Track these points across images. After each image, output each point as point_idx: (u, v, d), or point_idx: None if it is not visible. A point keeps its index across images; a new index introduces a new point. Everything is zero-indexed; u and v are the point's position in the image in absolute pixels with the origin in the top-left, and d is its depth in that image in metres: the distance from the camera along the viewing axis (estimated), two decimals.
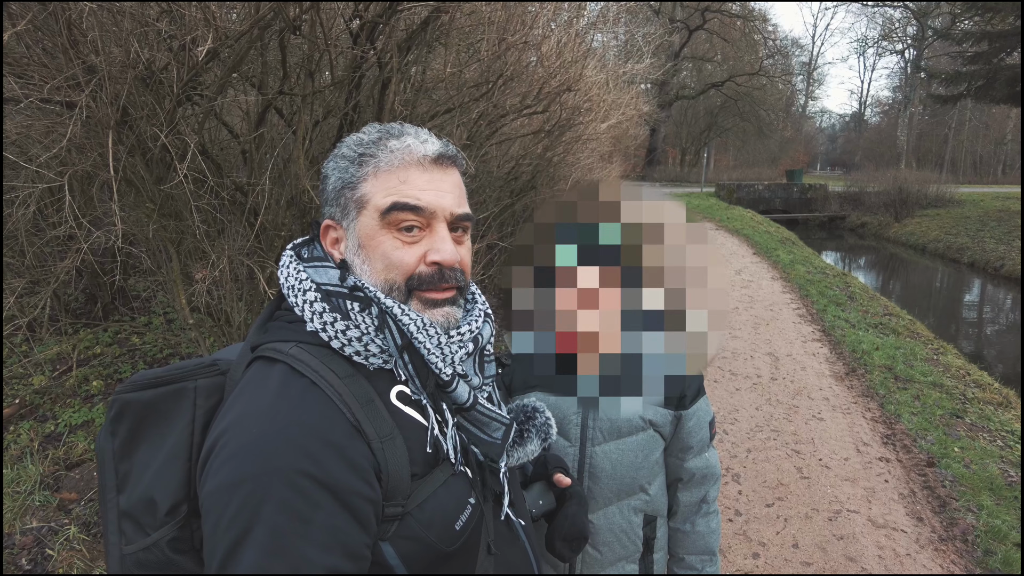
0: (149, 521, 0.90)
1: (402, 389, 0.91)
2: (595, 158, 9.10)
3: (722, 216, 17.82)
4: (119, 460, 0.94)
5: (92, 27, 2.31)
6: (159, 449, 0.92)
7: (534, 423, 1.14)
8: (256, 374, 0.87)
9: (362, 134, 0.96)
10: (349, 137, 0.97)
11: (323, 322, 0.88)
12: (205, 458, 0.82)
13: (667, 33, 32.31)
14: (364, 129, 0.97)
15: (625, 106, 7.59)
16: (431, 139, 0.96)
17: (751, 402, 4.99)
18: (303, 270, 0.94)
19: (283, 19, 2.32)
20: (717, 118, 39.72)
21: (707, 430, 1.51)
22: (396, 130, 0.96)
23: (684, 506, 1.52)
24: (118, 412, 0.94)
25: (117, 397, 0.94)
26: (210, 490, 0.78)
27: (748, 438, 4.35)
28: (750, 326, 7.18)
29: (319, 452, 0.78)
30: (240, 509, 0.75)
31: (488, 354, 1.05)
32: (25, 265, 3.47)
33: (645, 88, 35.10)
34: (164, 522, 0.89)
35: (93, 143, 2.56)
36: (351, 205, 0.93)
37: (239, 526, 0.74)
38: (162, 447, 0.91)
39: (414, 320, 0.90)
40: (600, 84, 6.24)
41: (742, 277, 9.90)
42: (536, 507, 1.18)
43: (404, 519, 0.85)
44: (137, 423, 0.94)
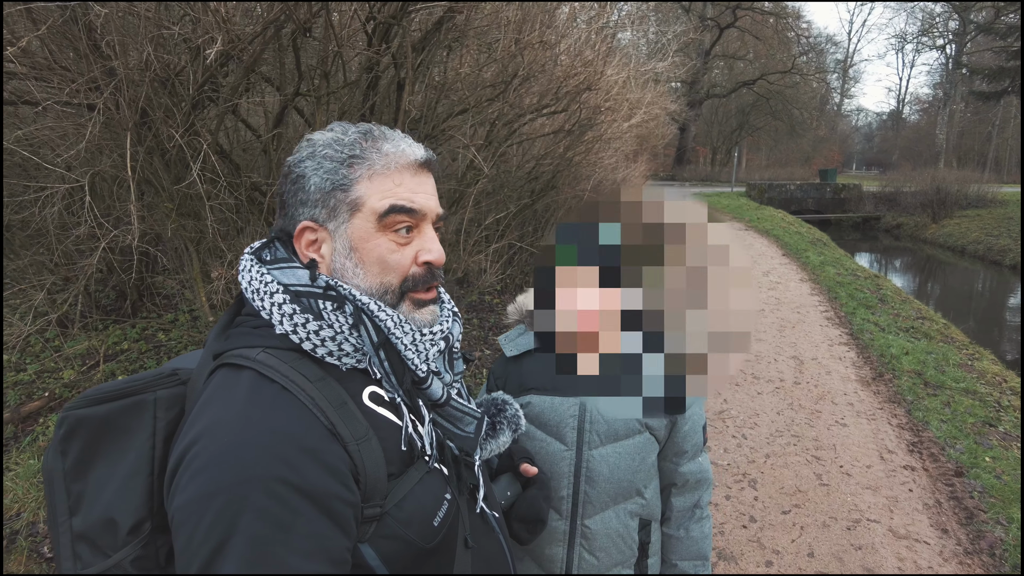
0: (109, 542, 0.87)
1: (374, 390, 0.91)
2: (619, 157, 9.03)
3: (752, 216, 17.53)
4: (71, 481, 0.89)
5: (110, 31, 2.37)
6: (117, 466, 0.88)
7: (504, 415, 1.14)
8: (223, 382, 0.85)
9: (339, 134, 0.94)
10: (322, 136, 0.94)
11: (294, 324, 0.87)
12: (173, 471, 0.79)
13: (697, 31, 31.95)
14: (335, 128, 0.95)
15: (650, 105, 7.52)
16: (415, 143, 0.97)
17: (772, 406, 4.89)
18: (267, 272, 0.91)
19: (294, 21, 2.35)
20: (748, 117, 39.11)
21: (701, 434, 1.49)
22: (379, 132, 0.95)
23: (677, 511, 1.50)
24: (69, 430, 0.89)
25: (68, 414, 0.89)
26: (181, 504, 0.76)
27: (767, 443, 4.27)
28: (775, 329, 7.05)
29: (296, 458, 0.77)
30: (216, 520, 0.73)
31: (456, 351, 1.06)
32: (54, 262, 3.58)
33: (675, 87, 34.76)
34: (126, 542, 0.86)
35: (113, 144, 2.63)
36: (342, 207, 0.91)
37: (216, 538, 0.72)
38: (120, 464, 0.88)
39: (390, 316, 0.90)
40: (622, 83, 6.20)
41: (770, 279, 9.72)
42: (505, 498, 1.19)
43: (383, 519, 0.85)
44: (91, 440, 0.89)
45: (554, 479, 1.40)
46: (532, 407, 1.43)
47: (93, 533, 0.87)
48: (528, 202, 6.06)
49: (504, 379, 1.50)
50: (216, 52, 2.10)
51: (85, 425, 0.89)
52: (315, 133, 0.96)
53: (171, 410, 0.91)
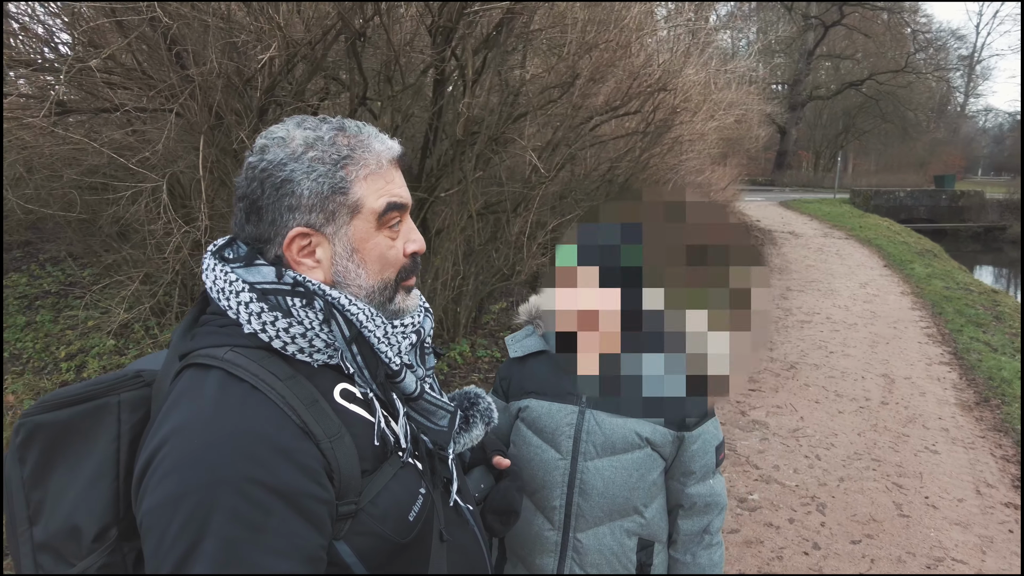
0: (73, 550, 0.84)
1: (345, 387, 0.90)
2: (703, 160, 8.74)
3: (853, 224, 16.44)
4: (30, 489, 0.86)
5: (187, 40, 2.55)
6: (79, 471, 0.86)
7: (478, 408, 1.12)
8: (190, 382, 0.83)
9: (312, 132, 0.90)
10: (290, 133, 0.90)
11: (262, 322, 0.85)
12: (140, 474, 0.78)
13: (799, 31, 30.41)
14: (306, 125, 0.91)
15: (732, 106, 7.22)
16: (387, 137, 0.97)
17: (853, 427, 4.55)
18: (231, 271, 0.89)
19: (349, 28, 2.44)
20: (855, 119, 36.69)
21: (713, 455, 1.39)
22: (354, 128, 0.93)
23: (684, 534, 1.41)
24: (27, 436, 0.86)
25: (25, 420, 0.86)
26: (150, 507, 0.74)
27: (843, 465, 3.97)
28: (867, 344, 6.56)
29: (267, 458, 0.76)
30: (187, 522, 0.72)
31: (428, 346, 1.05)
32: (147, 256, 3.90)
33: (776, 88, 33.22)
34: (91, 549, 0.84)
35: (188, 146, 2.82)
36: (342, 211, 0.89)
37: (186, 540, 0.71)
38: (83, 469, 0.86)
39: (362, 310, 0.90)
40: (703, 84, 5.99)
41: (866, 291, 9.07)
42: (478, 491, 1.17)
43: (358, 516, 0.84)
44: (50, 446, 0.86)
45: (547, 488, 1.36)
46: (530, 411, 1.40)
47: (56, 542, 0.85)
48: (598, 205, 5.97)
49: (509, 380, 1.48)
50: (270, 58, 2.21)
51: (44, 430, 0.86)
52: (275, 129, 0.92)
53: (136, 412, 0.89)
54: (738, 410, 4.81)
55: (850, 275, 10.15)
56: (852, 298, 8.62)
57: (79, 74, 2.53)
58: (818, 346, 6.49)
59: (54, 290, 6.16)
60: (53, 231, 6.53)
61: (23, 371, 4.78)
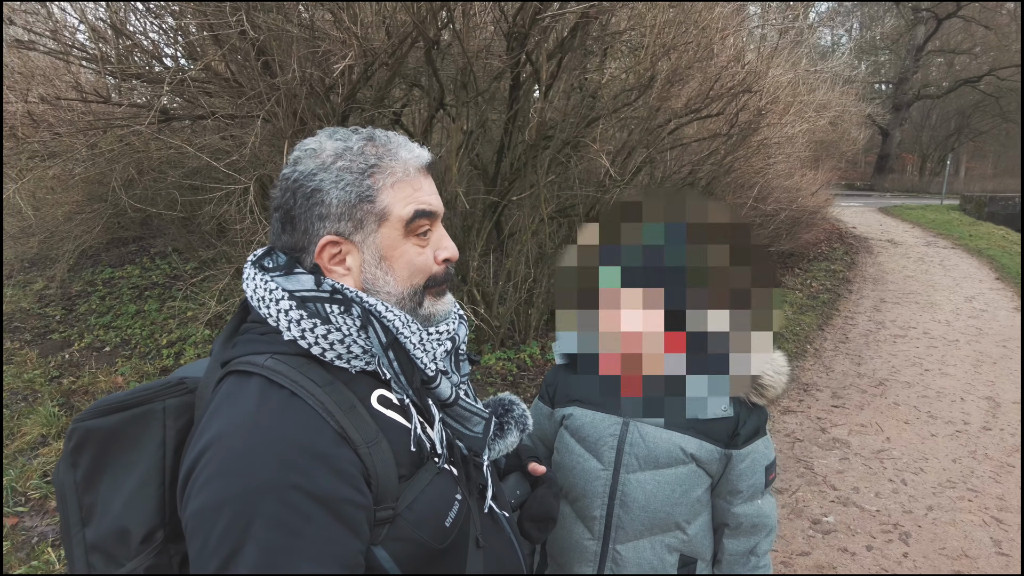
0: (122, 551, 0.88)
1: (382, 393, 0.92)
2: (792, 163, 8.36)
3: (962, 233, 15.20)
4: (83, 492, 0.90)
5: (273, 50, 2.71)
6: (127, 477, 0.89)
7: (512, 415, 1.11)
8: (231, 389, 0.85)
9: (342, 143, 0.93)
10: (321, 145, 0.93)
11: (301, 329, 0.87)
12: (185, 479, 0.80)
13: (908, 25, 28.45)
14: (335, 136, 0.94)
15: (824, 108, 6.86)
16: (417, 145, 0.99)
17: (948, 452, 4.22)
18: (270, 280, 0.91)
19: (424, 37, 2.52)
20: (970, 119, 33.85)
21: (762, 475, 1.34)
22: (384, 137, 0.95)
23: (729, 554, 1.37)
24: (79, 442, 0.90)
25: (77, 426, 0.90)
26: (194, 511, 0.77)
27: (933, 494, 3.69)
28: (969, 363, 6.06)
29: (306, 464, 0.78)
30: (228, 528, 0.74)
31: (462, 353, 1.07)
32: (237, 252, 4.17)
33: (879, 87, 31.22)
34: (140, 550, 0.87)
35: (275, 150, 3.00)
36: (370, 218, 0.92)
37: (228, 545, 0.74)
38: (131, 474, 0.89)
39: (398, 316, 0.91)
40: (791, 84, 5.74)
41: (972, 305, 8.38)
42: (514, 497, 1.18)
43: (395, 521, 0.86)
44: (101, 451, 0.90)
45: (588, 497, 1.35)
46: (574, 419, 1.39)
47: (106, 543, 0.88)
48: None
49: (555, 387, 1.48)
50: (347, 66, 2.32)
51: (94, 436, 0.90)
52: (308, 141, 0.95)
53: (180, 419, 0.93)
54: (818, 427, 4.58)
55: (955, 288, 9.41)
56: (955, 312, 7.99)
57: (180, 84, 2.74)
58: (912, 363, 6.06)
59: (160, 282, 6.68)
60: (160, 227, 7.08)
61: (131, 355, 5.22)
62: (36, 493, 3.30)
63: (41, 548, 2.88)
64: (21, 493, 3.31)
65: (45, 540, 2.94)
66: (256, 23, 2.34)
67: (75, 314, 6.17)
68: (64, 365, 5.09)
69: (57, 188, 4.80)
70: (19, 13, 2.80)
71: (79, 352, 5.36)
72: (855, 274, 10.19)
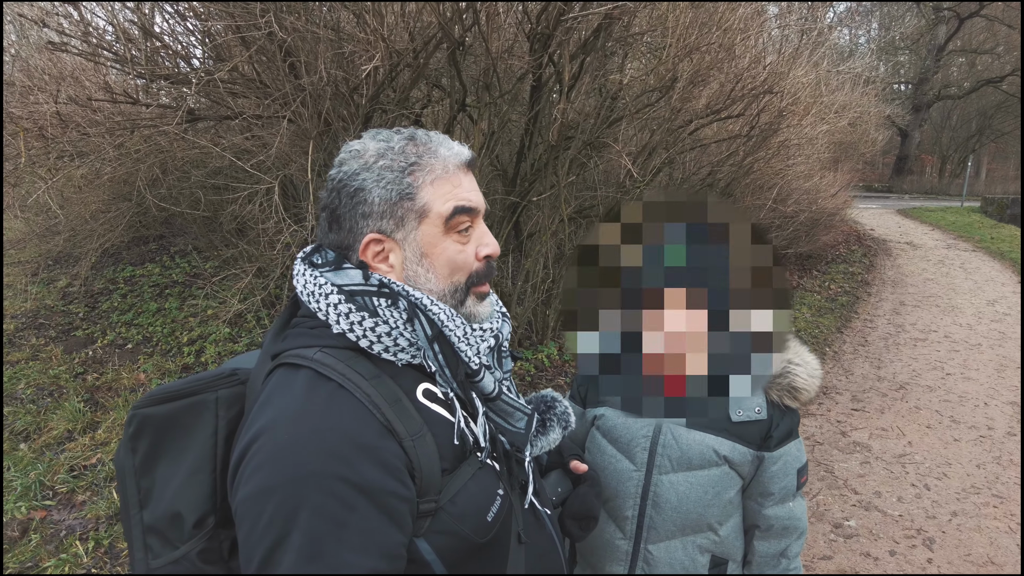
0: (176, 535, 0.91)
1: (428, 386, 0.94)
2: (812, 165, 8.28)
3: (983, 235, 14.98)
4: (140, 476, 0.94)
5: (299, 52, 2.74)
6: (181, 463, 0.93)
7: (554, 412, 1.12)
8: (281, 381, 0.88)
9: (384, 143, 0.95)
10: (365, 146, 0.95)
11: (350, 322, 0.89)
12: (235, 467, 0.83)
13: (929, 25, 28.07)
14: (380, 137, 0.96)
15: (845, 108, 6.80)
16: (458, 144, 1.00)
17: (972, 457, 4.17)
18: (320, 275, 0.94)
19: (448, 38, 2.53)
20: (992, 120, 33.35)
21: (794, 477, 1.34)
22: (425, 137, 0.97)
23: (760, 556, 1.37)
24: (138, 428, 0.94)
25: (136, 412, 0.94)
26: (243, 498, 0.79)
27: (957, 499, 3.65)
28: (992, 367, 5.98)
29: (351, 455, 0.79)
30: (275, 515, 0.76)
31: (505, 350, 1.07)
32: (259, 251, 4.21)
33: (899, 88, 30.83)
34: (192, 534, 0.91)
35: (299, 150, 3.03)
36: (410, 216, 0.93)
37: (275, 532, 0.76)
38: (184, 461, 0.93)
39: (443, 310, 0.93)
40: (812, 85, 5.70)
41: (995, 309, 8.26)
42: (555, 494, 1.18)
43: (438, 514, 0.86)
44: (157, 438, 0.94)
45: (620, 498, 1.35)
46: (606, 420, 1.40)
47: (161, 526, 0.92)
48: None
49: (587, 387, 1.49)
50: (373, 68, 2.34)
51: (151, 423, 0.94)
52: (354, 143, 0.97)
53: (231, 409, 0.96)
54: (838, 430, 4.54)
55: (976, 291, 9.28)
56: (977, 316, 7.89)
57: (207, 85, 2.78)
58: (933, 367, 5.99)
59: (181, 280, 6.76)
60: (182, 226, 7.17)
61: (153, 353, 5.29)
62: (64, 488, 3.35)
63: (69, 541, 2.93)
64: (49, 487, 3.37)
65: (73, 534, 2.99)
66: (284, 24, 2.36)
67: (98, 311, 6.26)
68: (88, 362, 5.17)
69: (84, 187, 4.88)
70: (52, 16, 2.85)
71: (102, 349, 5.44)
72: (874, 276, 10.08)
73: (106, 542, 2.94)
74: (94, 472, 3.53)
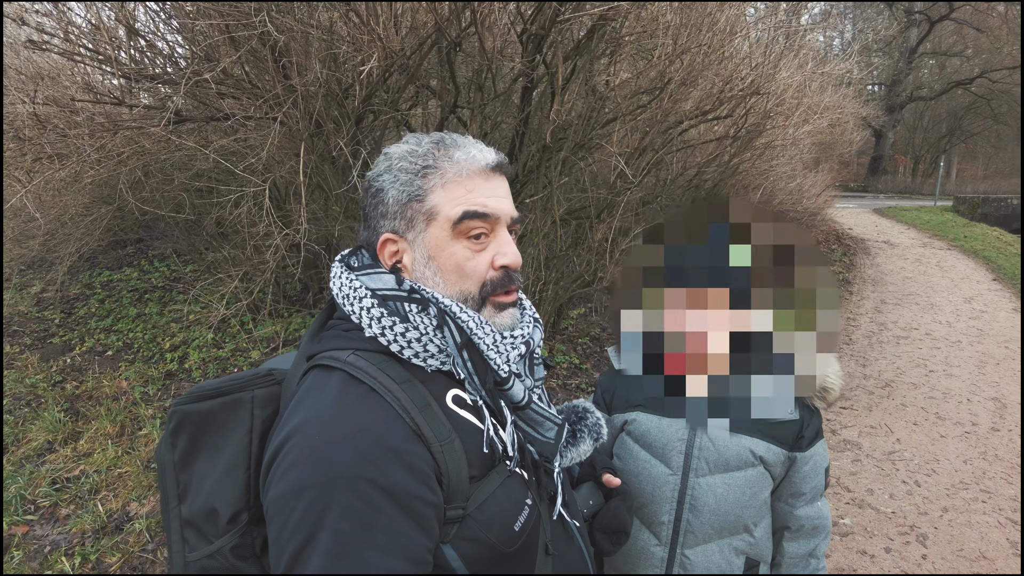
0: (211, 529, 0.93)
1: (457, 393, 0.93)
2: (796, 165, 8.38)
3: (957, 234, 15.30)
4: (179, 471, 0.97)
5: (291, 52, 2.68)
6: (217, 459, 0.94)
7: (585, 423, 1.11)
8: (314, 382, 0.89)
9: (412, 146, 0.97)
10: (396, 149, 0.98)
11: (381, 327, 0.91)
12: (268, 465, 0.85)
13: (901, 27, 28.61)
14: (410, 140, 0.98)
15: (829, 109, 6.88)
16: (486, 148, 0.99)
17: (958, 453, 4.23)
18: (356, 278, 0.95)
19: (445, 38, 2.49)
20: (962, 121, 34.08)
21: (823, 477, 1.34)
22: (450, 140, 0.97)
23: (789, 557, 1.36)
24: (177, 424, 0.97)
25: (176, 409, 0.97)
26: (274, 496, 0.81)
27: (947, 495, 3.70)
28: (973, 364, 6.09)
29: (380, 458, 0.80)
30: (305, 515, 0.77)
31: (537, 358, 1.06)
32: (247, 256, 4.13)
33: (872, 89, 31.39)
34: (226, 530, 0.92)
35: (289, 153, 2.96)
36: (419, 217, 0.94)
37: (304, 531, 0.77)
38: (220, 457, 0.94)
39: (472, 317, 0.92)
40: (797, 86, 5.75)
41: (972, 306, 8.42)
42: (586, 507, 1.16)
43: (464, 521, 0.86)
44: (195, 434, 0.96)
45: (655, 503, 1.33)
46: (638, 424, 1.38)
47: (198, 520, 0.94)
48: None
49: (612, 392, 1.46)
50: (371, 68, 2.29)
51: (190, 419, 0.96)
52: (392, 146, 0.99)
53: (267, 408, 0.96)
54: (828, 428, 4.57)
55: (953, 289, 9.46)
56: (955, 313, 8.03)
57: (195, 86, 2.71)
58: (917, 364, 6.08)
59: (161, 284, 6.63)
60: (163, 230, 7.03)
61: (134, 359, 5.17)
62: (46, 501, 3.25)
63: (55, 557, 2.83)
64: (31, 501, 3.26)
65: (58, 549, 2.90)
66: (278, 24, 2.31)
67: (74, 317, 6.11)
68: (66, 369, 5.03)
69: (63, 190, 4.75)
70: (31, 14, 2.75)
71: (81, 356, 5.31)
72: (854, 275, 10.23)
73: (93, 557, 2.85)
74: (78, 484, 3.43)
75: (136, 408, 4.29)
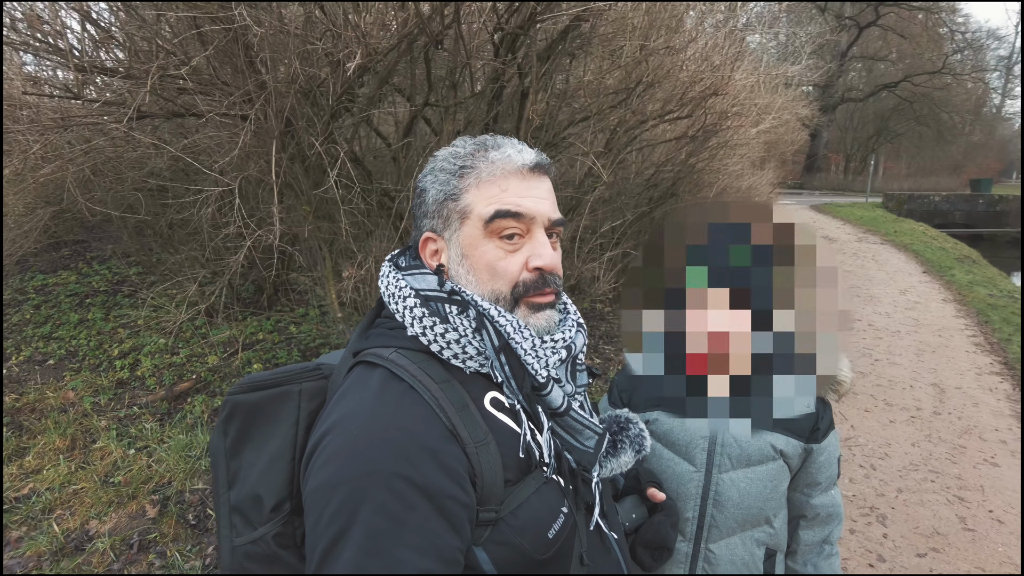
0: (256, 517, 0.95)
1: (495, 395, 0.93)
2: (745, 164, 8.65)
3: (888, 229, 16.15)
4: (230, 458, 0.99)
5: (264, 48, 2.59)
6: (265, 449, 0.96)
7: (627, 434, 1.09)
8: (357, 378, 0.90)
9: (457, 147, 0.98)
10: (443, 151, 1.00)
11: (423, 326, 0.91)
12: (308, 457, 0.85)
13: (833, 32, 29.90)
14: (457, 142, 0.99)
15: (780, 110, 7.14)
16: (526, 148, 0.99)
17: (907, 437, 4.47)
18: (402, 278, 0.97)
19: (427, 34, 2.46)
20: (888, 122, 36.00)
21: (836, 466, 1.39)
22: (492, 142, 0.98)
23: (805, 545, 1.41)
24: (229, 413, 0.99)
25: (229, 398, 0.99)
26: (312, 488, 0.81)
27: (900, 476, 3.90)
28: (912, 352, 6.44)
29: (415, 456, 0.80)
30: (339, 509, 0.77)
31: (580, 363, 1.05)
32: (207, 258, 3.97)
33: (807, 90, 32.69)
34: (270, 518, 0.93)
35: (260, 151, 2.87)
36: (454, 216, 0.95)
37: (338, 525, 0.77)
38: (268, 447, 0.96)
39: (510, 322, 0.92)
40: (751, 88, 5.94)
41: (907, 297, 8.90)
42: (629, 520, 1.15)
43: (498, 525, 0.85)
44: (246, 423, 0.98)
45: (680, 500, 1.36)
46: (660, 424, 1.40)
47: (244, 507, 0.96)
48: (646, 210, 5.95)
49: (629, 392, 1.48)
50: (355, 66, 2.24)
51: (241, 409, 0.98)
52: (441, 149, 1.01)
53: (313, 401, 0.97)
54: None
55: (889, 281, 9.98)
56: (893, 305, 8.47)
57: (160, 81, 2.59)
58: (863, 353, 6.39)
59: (103, 288, 6.29)
60: (107, 232, 6.68)
61: (80, 368, 4.89)
62: None
63: None
64: None
65: (13, 575, 2.72)
66: (255, 18, 2.23)
67: (8, 325, 5.73)
68: (3, 381, 4.72)
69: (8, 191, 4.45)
70: None
71: (18, 367, 4.99)
72: None
73: None
74: (28, 504, 3.23)
75: (87, 420, 4.07)
